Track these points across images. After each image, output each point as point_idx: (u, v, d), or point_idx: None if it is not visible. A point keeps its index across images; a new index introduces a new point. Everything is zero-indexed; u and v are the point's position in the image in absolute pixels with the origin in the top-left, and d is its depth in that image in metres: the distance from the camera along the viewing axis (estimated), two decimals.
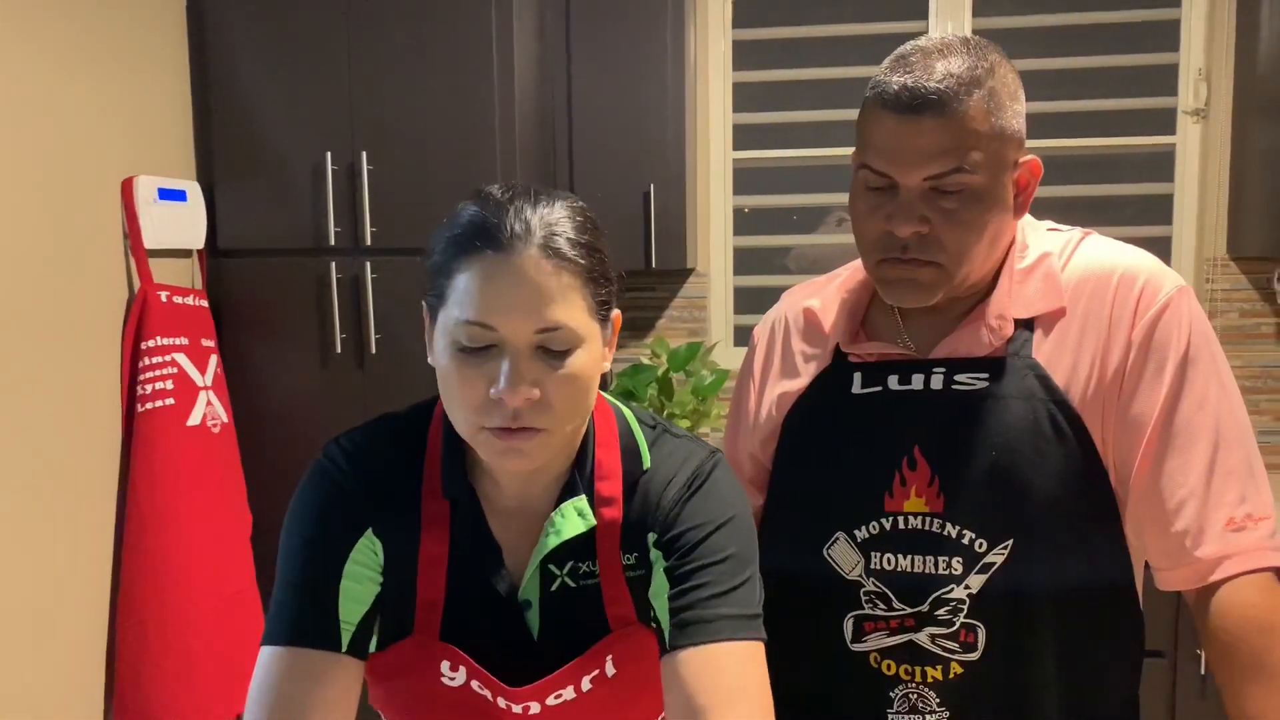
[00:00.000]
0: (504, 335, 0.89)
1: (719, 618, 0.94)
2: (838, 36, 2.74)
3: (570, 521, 0.98)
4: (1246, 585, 1.01)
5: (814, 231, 2.84)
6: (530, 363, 0.89)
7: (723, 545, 0.97)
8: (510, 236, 0.89)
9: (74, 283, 2.07)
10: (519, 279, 0.88)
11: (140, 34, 2.27)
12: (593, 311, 0.93)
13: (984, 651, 1.07)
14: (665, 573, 0.97)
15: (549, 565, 0.99)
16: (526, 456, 0.92)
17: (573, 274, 0.90)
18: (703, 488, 0.99)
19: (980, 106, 1.01)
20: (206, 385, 2.28)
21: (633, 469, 1.01)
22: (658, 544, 0.99)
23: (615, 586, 1.00)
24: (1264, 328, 2.62)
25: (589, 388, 0.94)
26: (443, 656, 0.99)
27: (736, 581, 0.96)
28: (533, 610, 1.00)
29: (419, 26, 2.29)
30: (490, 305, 0.89)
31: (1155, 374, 1.04)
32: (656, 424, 1.06)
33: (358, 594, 0.97)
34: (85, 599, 2.12)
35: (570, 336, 0.90)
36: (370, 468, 1.00)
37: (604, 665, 0.99)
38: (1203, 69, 2.60)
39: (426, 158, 2.30)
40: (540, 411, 0.90)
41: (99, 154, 2.15)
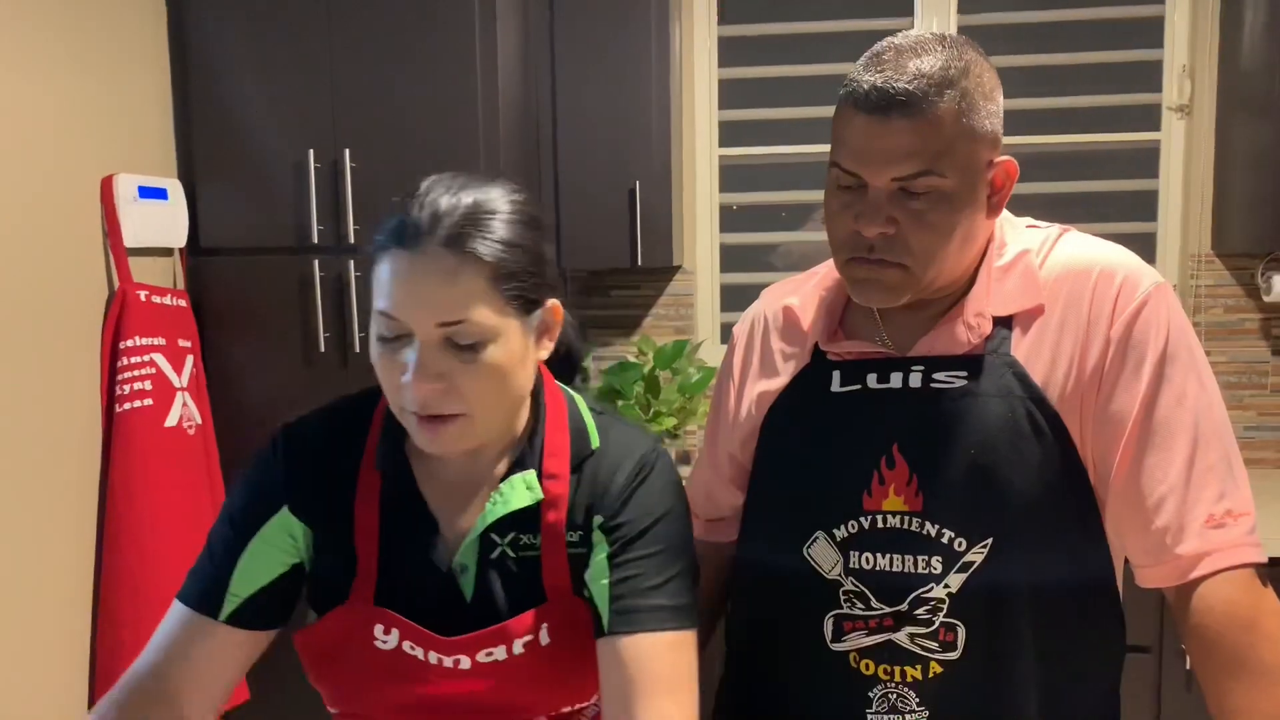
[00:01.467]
0: (410, 327, 0.94)
1: (654, 608, 1.01)
2: (824, 33, 2.74)
3: (518, 493, 1.04)
4: (1227, 582, 1.01)
5: (801, 228, 2.84)
6: (436, 354, 0.94)
7: (662, 537, 1.04)
8: (416, 233, 0.94)
9: (53, 282, 2.05)
10: (421, 275, 0.93)
11: (120, 30, 2.25)
12: (507, 305, 0.96)
13: (963, 651, 1.06)
14: (607, 559, 1.03)
15: (491, 534, 1.04)
16: (444, 442, 0.98)
17: (477, 270, 0.94)
18: (648, 478, 1.06)
19: (951, 107, 1.00)
20: (183, 386, 2.26)
21: (581, 449, 1.07)
22: (602, 527, 1.04)
23: (555, 558, 1.04)
24: (1248, 324, 2.63)
25: (507, 379, 0.98)
26: (376, 620, 1.03)
27: (672, 573, 1.03)
28: (468, 575, 1.05)
29: (402, 23, 2.27)
30: (396, 299, 0.94)
31: (1134, 371, 1.04)
32: (605, 411, 1.12)
33: (258, 570, 1.05)
34: (66, 600, 2.11)
35: (476, 330, 0.94)
36: (305, 448, 1.07)
37: (539, 633, 1.03)
38: (1187, 65, 2.60)
39: (410, 155, 2.29)
40: (452, 400, 0.95)
41: (78, 151, 2.13)
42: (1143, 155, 2.67)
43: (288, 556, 1.07)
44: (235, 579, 1.05)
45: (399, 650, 1.03)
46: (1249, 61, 2.42)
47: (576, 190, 2.53)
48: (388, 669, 1.03)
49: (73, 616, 2.12)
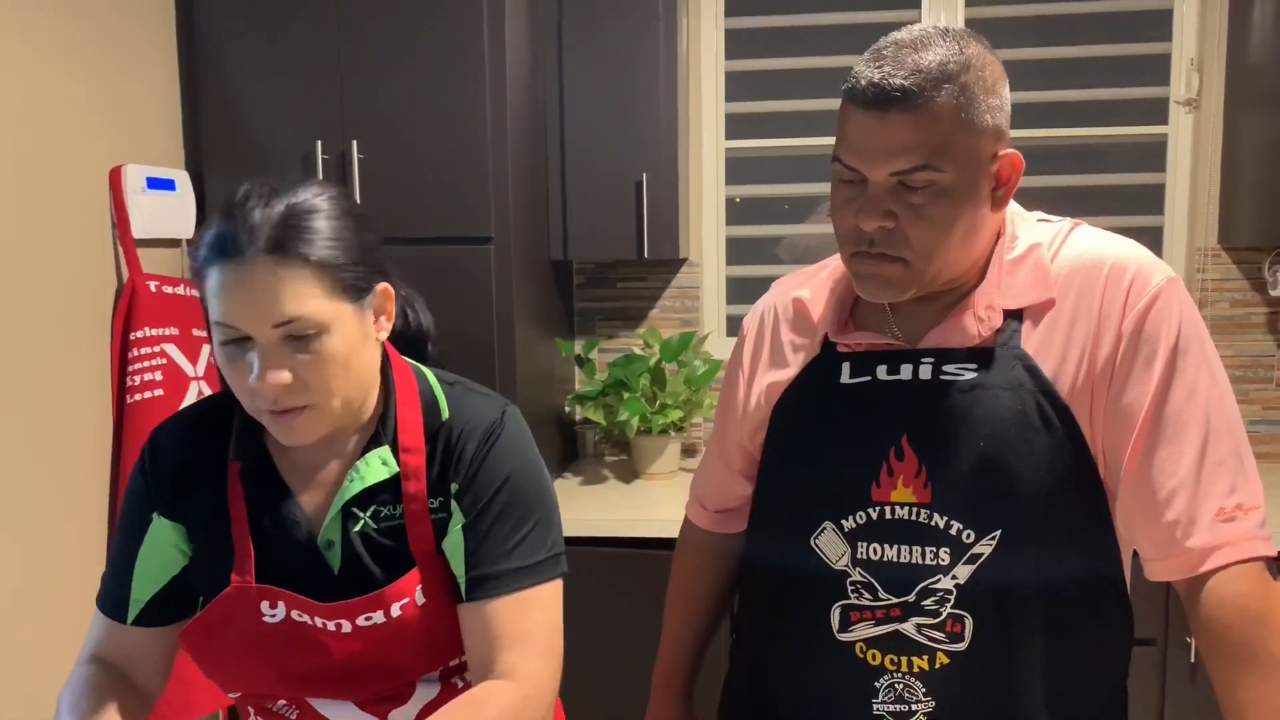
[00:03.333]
0: (248, 332, 1.00)
1: (505, 572, 1.09)
2: (830, 25, 2.73)
3: (374, 469, 1.11)
4: (1237, 575, 1.01)
5: (805, 221, 2.83)
6: (278, 352, 1.00)
7: (509, 500, 1.11)
8: (237, 244, 0.99)
9: (62, 273, 2.05)
10: (248, 283, 0.98)
11: (129, 22, 2.25)
12: (336, 294, 1.02)
13: (971, 642, 1.07)
14: (461, 530, 1.11)
15: (352, 509, 1.11)
16: (299, 432, 1.04)
17: (301, 267, 0.99)
18: (495, 443, 1.12)
19: (950, 103, 1.00)
20: (198, 375, 2.27)
21: (432, 420, 1.13)
22: (457, 495, 1.12)
23: (420, 526, 1.11)
24: (1255, 317, 2.63)
25: (348, 363, 1.04)
26: (261, 598, 1.10)
27: (521, 534, 1.11)
28: (334, 550, 1.11)
29: (410, 15, 2.27)
30: (229, 309, 1.00)
31: (1145, 365, 1.04)
32: (456, 381, 1.18)
33: (150, 575, 1.15)
34: (76, 592, 2.12)
35: (310, 324, 1.00)
36: (168, 452, 1.15)
37: (414, 594, 1.10)
38: (1195, 59, 2.60)
39: (417, 146, 2.29)
40: (299, 392, 1.02)
41: (87, 143, 2.13)
42: (1150, 149, 2.67)
43: (180, 555, 1.15)
44: (135, 586, 1.15)
45: (288, 620, 1.10)
46: (1257, 55, 2.41)
47: (583, 182, 2.53)
48: (278, 640, 1.10)
49: (83, 607, 2.13)
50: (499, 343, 2.33)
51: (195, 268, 1.03)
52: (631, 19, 2.48)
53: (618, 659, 1.96)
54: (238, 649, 1.11)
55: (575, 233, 2.55)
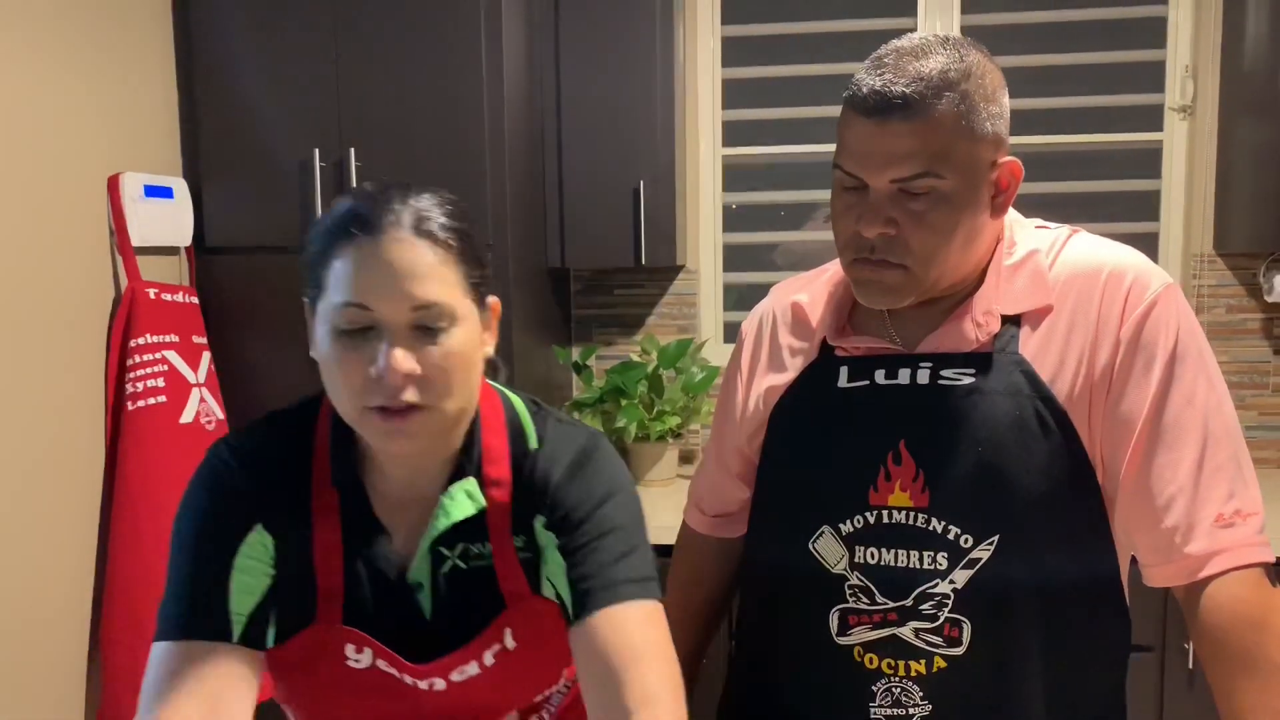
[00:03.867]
0: (380, 315, 0.93)
1: (616, 582, 1.00)
2: (827, 33, 2.74)
3: (459, 504, 1.02)
4: (1236, 581, 1.01)
5: (802, 228, 2.84)
6: (408, 340, 0.93)
7: (609, 517, 1.02)
8: (382, 220, 0.93)
9: (59, 280, 2.05)
10: (392, 259, 0.92)
11: (127, 29, 2.26)
12: (467, 290, 0.97)
13: (968, 647, 1.07)
14: (559, 550, 1.02)
15: (439, 548, 1.03)
16: (410, 437, 0.95)
17: (445, 252, 0.94)
18: (585, 468, 1.04)
19: (950, 110, 1.01)
20: (199, 382, 2.27)
21: (519, 450, 1.05)
22: (547, 526, 1.03)
23: (508, 565, 1.04)
24: (1250, 323, 2.63)
25: (468, 365, 0.97)
26: (346, 640, 1.02)
27: (627, 549, 1.02)
28: (424, 592, 1.04)
29: (407, 22, 2.28)
30: (365, 286, 0.92)
31: (1144, 371, 1.05)
32: (541, 408, 1.10)
33: (249, 586, 1.01)
34: (67, 598, 2.11)
35: (445, 313, 0.94)
36: (257, 464, 1.03)
37: (503, 639, 1.03)
38: (1190, 66, 2.61)
39: (415, 154, 2.30)
40: (420, 388, 0.94)
41: (85, 150, 2.13)
42: (1145, 155, 2.67)
43: (269, 568, 1.03)
44: (234, 600, 1.00)
45: (374, 669, 1.03)
46: (1251, 62, 2.42)
47: (580, 189, 2.54)
48: (363, 685, 1.03)
49: (74, 613, 2.13)
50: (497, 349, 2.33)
51: (315, 252, 0.96)
52: (628, 26, 2.49)
53: None
54: (318, 686, 1.04)
55: (573, 240, 2.55)
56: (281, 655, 1.03)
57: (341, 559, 1.03)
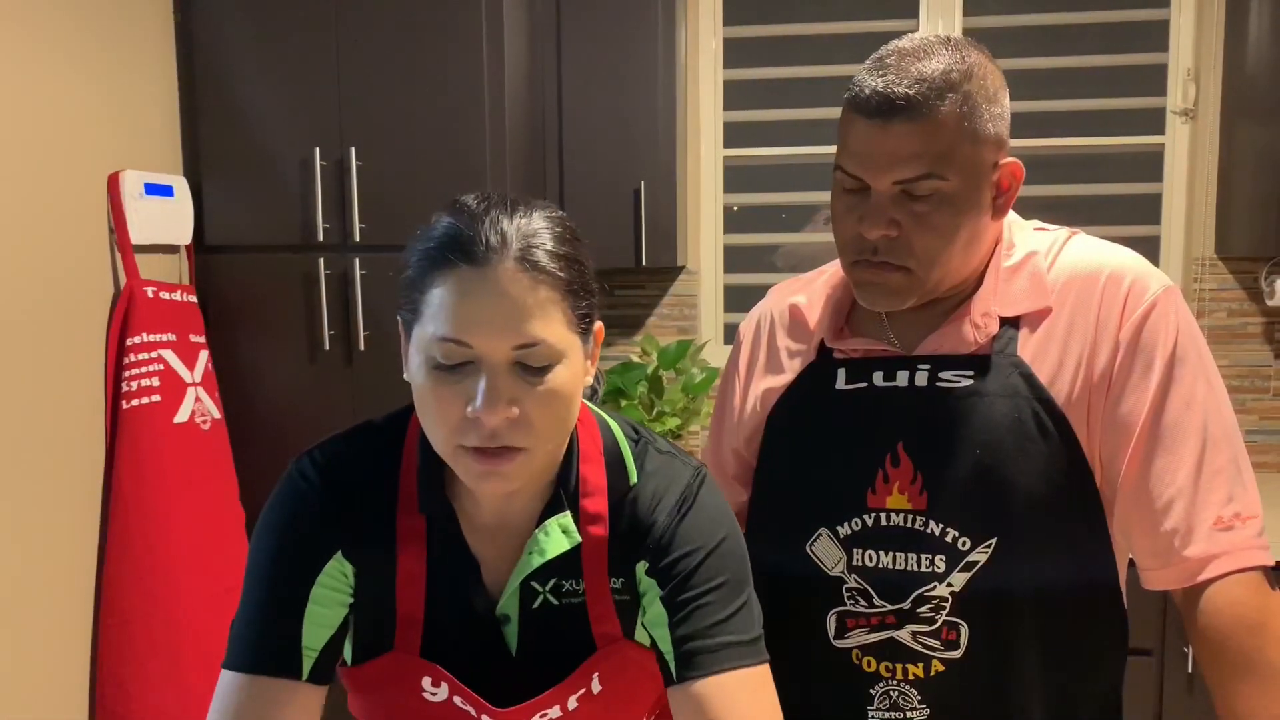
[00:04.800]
0: (480, 352, 0.86)
1: (723, 646, 0.94)
2: (828, 34, 2.74)
3: (554, 540, 0.96)
4: (1235, 584, 1.01)
5: (802, 229, 2.84)
6: (508, 380, 0.87)
7: (718, 569, 0.96)
8: (486, 249, 0.86)
9: (59, 278, 2.05)
10: (495, 293, 0.85)
11: (128, 27, 2.26)
12: (573, 325, 0.89)
13: (966, 649, 1.07)
14: (662, 602, 0.96)
15: (531, 582, 0.98)
16: (505, 479, 0.89)
17: (551, 287, 0.87)
18: (692, 509, 0.98)
19: (953, 111, 1.00)
20: (195, 381, 2.27)
21: (619, 484, 0.99)
22: (650, 572, 0.97)
23: (602, 605, 0.98)
24: (1251, 327, 2.63)
25: (570, 404, 0.91)
26: (424, 673, 0.97)
27: (736, 606, 0.96)
28: (511, 626, 0.99)
29: (408, 22, 2.28)
30: (466, 321, 0.86)
31: (1143, 374, 1.04)
32: (640, 436, 1.03)
33: (324, 618, 0.96)
34: (68, 599, 2.11)
35: (549, 352, 0.87)
36: (343, 484, 0.98)
37: (590, 683, 0.98)
38: (1191, 69, 2.61)
39: (416, 154, 2.30)
40: (519, 430, 0.87)
41: (85, 148, 2.13)
42: (1147, 159, 2.67)
43: (346, 597, 0.98)
44: (306, 633, 0.95)
45: (449, 703, 0.98)
46: (1253, 66, 2.42)
47: (581, 190, 2.53)
48: (439, 717, 0.99)
49: (75, 615, 2.13)
50: None
51: (412, 276, 0.90)
52: (630, 27, 2.49)
53: None
54: (394, 712, 1.01)
55: None
56: (359, 674, 1.00)
57: (424, 587, 0.97)
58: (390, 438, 1.00)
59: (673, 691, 0.95)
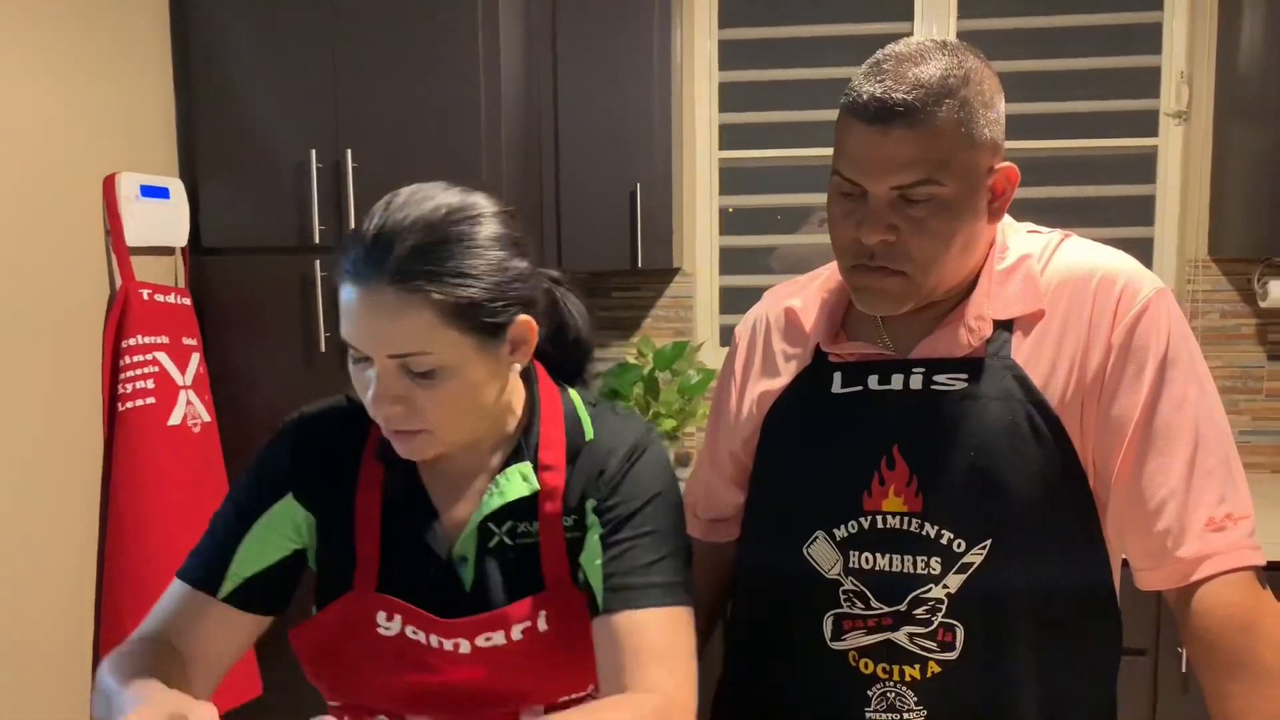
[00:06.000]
0: (368, 355, 0.97)
1: (648, 585, 1.03)
2: (824, 37, 2.75)
3: (514, 484, 1.07)
4: (1227, 584, 1.01)
5: (798, 231, 2.84)
6: (395, 380, 0.97)
7: (653, 518, 1.07)
8: (365, 267, 0.94)
9: (54, 280, 2.05)
10: (371, 310, 0.95)
11: (123, 29, 2.26)
12: (464, 332, 0.96)
13: (962, 651, 1.07)
14: (600, 539, 1.06)
15: (489, 524, 1.07)
16: (415, 451, 1.02)
17: (423, 305, 0.94)
18: (641, 459, 1.09)
19: (951, 116, 1.00)
20: (187, 385, 2.27)
21: (576, 439, 1.10)
22: (596, 510, 1.07)
23: (554, 547, 1.07)
24: (1244, 329, 2.64)
25: (466, 403, 1.00)
26: (379, 607, 1.05)
27: (664, 552, 1.06)
28: (467, 565, 1.07)
29: (404, 23, 2.28)
30: (352, 330, 0.97)
31: (1135, 375, 1.05)
32: (600, 403, 1.15)
33: (259, 553, 1.08)
34: (69, 599, 2.11)
35: (429, 361, 0.96)
36: (309, 436, 1.11)
37: (537, 620, 1.05)
38: (1184, 72, 2.62)
39: (412, 156, 2.30)
40: (414, 418, 0.99)
41: (81, 150, 2.13)
42: (1140, 160, 2.68)
43: (290, 542, 1.10)
44: (237, 559, 1.08)
45: (401, 636, 1.05)
46: (1246, 68, 2.43)
47: (577, 192, 2.54)
48: (391, 655, 1.06)
49: (75, 615, 2.13)
50: None
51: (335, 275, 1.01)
52: (625, 29, 2.49)
53: None
54: (347, 658, 1.07)
55: (569, 242, 2.55)
56: (311, 630, 1.08)
57: (378, 529, 1.07)
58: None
59: (595, 622, 1.04)
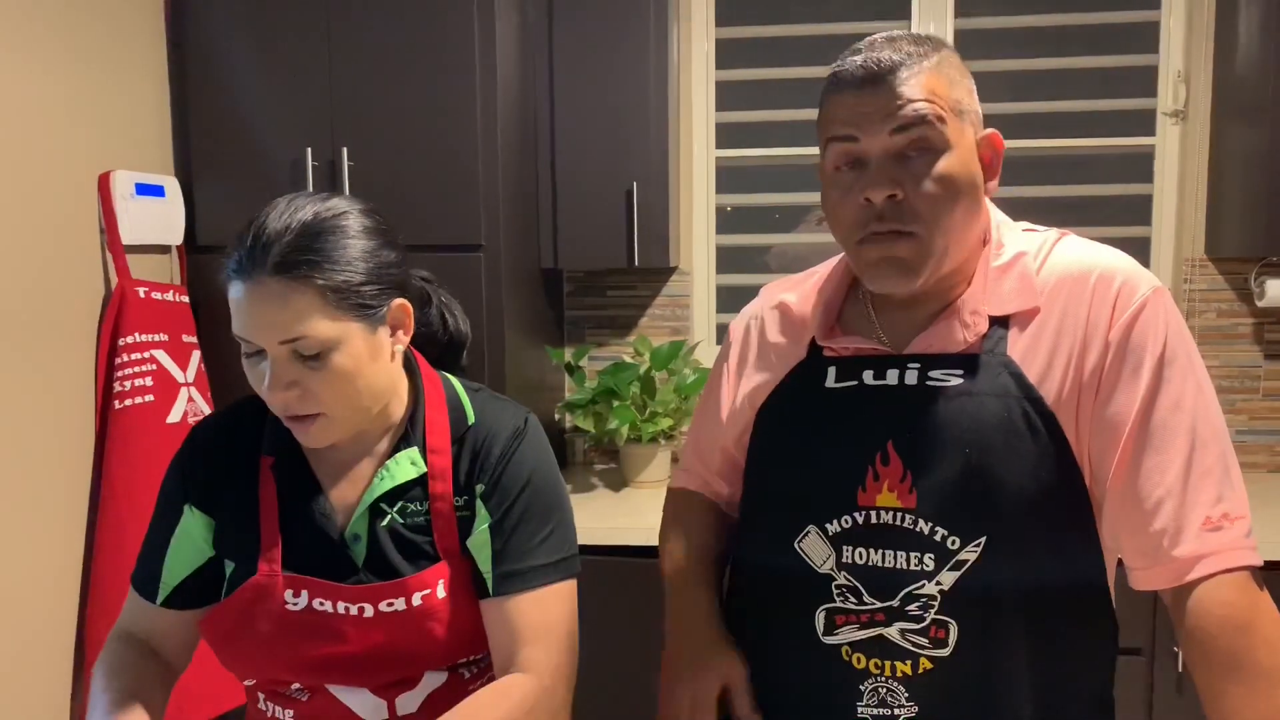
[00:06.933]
0: (259, 345, 1.06)
1: (530, 569, 1.16)
2: (821, 35, 2.75)
3: (403, 468, 1.17)
4: (1223, 584, 1.01)
5: (795, 230, 2.84)
6: (287, 366, 1.06)
7: (533, 499, 1.18)
8: (250, 266, 1.05)
9: (48, 279, 2.05)
10: (256, 301, 1.04)
11: (118, 26, 2.25)
12: (343, 314, 1.06)
13: (954, 648, 1.07)
14: (488, 529, 1.17)
15: (381, 505, 1.17)
16: (313, 437, 1.11)
17: (305, 289, 1.04)
18: (519, 447, 1.19)
19: (935, 73, 1.05)
20: (188, 382, 2.27)
21: (459, 424, 1.20)
22: (483, 496, 1.18)
23: (445, 523, 1.17)
24: (1241, 328, 2.64)
25: (356, 379, 1.09)
26: (286, 585, 1.15)
27: (545, 532, 1.18)
28: (360, 544, 1.16)
29: (401, 22, 2.28)
30: (242, 324, 1.06)
31: (1132, 374, 1.05)
32: (480, 389, 1.25)
33: (181, 562, 1.20)
34: (58, 600, 2.10)
35: (315, 343, 1.05)
36: (196, 447, 1.21)
37: (435, 587, 1.15)
38: (1182, 71, 2.62)
39: (408, 153, 2.30)
40: (309, 402, 1.08)
41: (76, 148, 2.13)
42: (1138, 160, 2.68)
43: (200, 552, 1.21)
44: (165, 570, 1.21)
45: (310, 609, 1.14)
46: (1243, 67, 2.43)
47: (574, 191, 2.54)
48: (302, 627, 1.14)
49: (62, 615, 2.12)
50: (489, 350, 2.33)
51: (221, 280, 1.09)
52: (622, 28, 2.49)
53: (605, 668, 1.95)
54: (260, 635, 1.15)
55: (566, 241, 2.55)
56: (225, 608, 1.16)
57: (277, 517, 1.16)
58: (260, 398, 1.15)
59: (485, 604, 1.16)
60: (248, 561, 1.16)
